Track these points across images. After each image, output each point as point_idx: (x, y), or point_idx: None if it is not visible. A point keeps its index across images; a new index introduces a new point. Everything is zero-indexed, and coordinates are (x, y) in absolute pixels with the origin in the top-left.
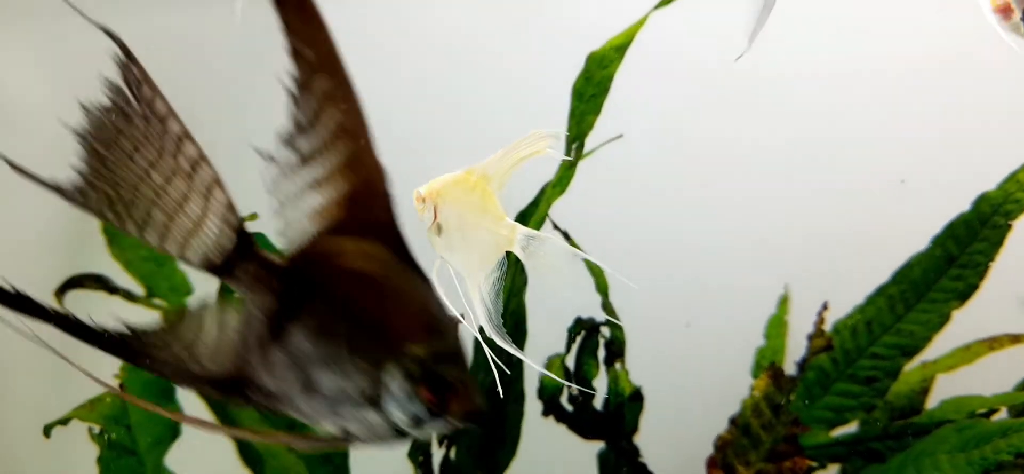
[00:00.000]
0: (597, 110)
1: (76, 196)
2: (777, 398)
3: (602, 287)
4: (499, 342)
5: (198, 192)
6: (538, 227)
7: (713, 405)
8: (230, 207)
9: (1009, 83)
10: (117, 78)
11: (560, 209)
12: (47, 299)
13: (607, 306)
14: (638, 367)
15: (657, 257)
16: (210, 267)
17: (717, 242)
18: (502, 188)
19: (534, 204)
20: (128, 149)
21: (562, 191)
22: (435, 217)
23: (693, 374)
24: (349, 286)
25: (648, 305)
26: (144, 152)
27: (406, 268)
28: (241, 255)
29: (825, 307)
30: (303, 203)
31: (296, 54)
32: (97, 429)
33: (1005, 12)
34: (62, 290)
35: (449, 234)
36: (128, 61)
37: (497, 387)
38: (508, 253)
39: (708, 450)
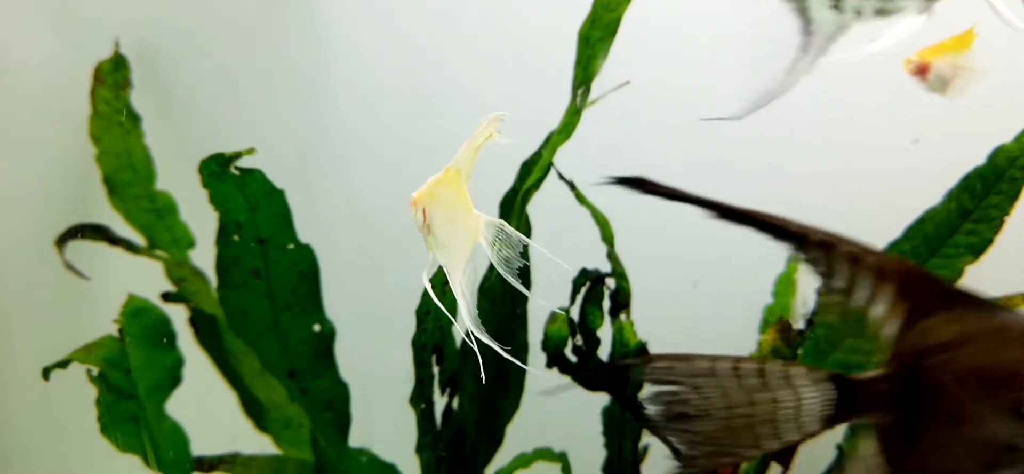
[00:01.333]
0: (604, 54)
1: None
2: (784, 352)
3: (607, 237)
4: (476, 333)
5: (778, 386)
6: (543, 174)
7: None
8: (810, 373)
9: None
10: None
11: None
12: (47, 249)
13: (612, 256)
14: (644, 327)
15: (663, 215)
16: (831, 423)
17: (726, 200)
18: (468, 180)
19: (539, 152)
20: (703, 414)
21: (567, 137)
22: (425, 219)
23: (700, 334)
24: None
25: (655, 266)
26: (715, 406)
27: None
28: (846, 398)
29: None
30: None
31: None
32: (95, 371)
33: (922, 72)
34: (62, 240)
35: (437, 233)
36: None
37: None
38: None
39: None
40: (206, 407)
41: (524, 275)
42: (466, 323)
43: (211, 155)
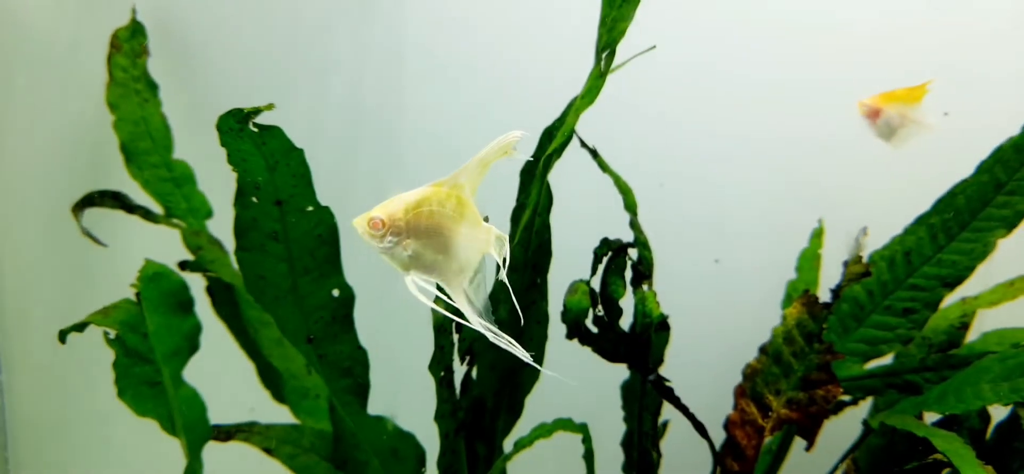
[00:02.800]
0: (629, 17)
1: None
2: (810, 326)
3: (630, 205)
4: (489, 337)
5: None
6: (565, 141)
7: (742, 339)
8: None
9: None
10: None
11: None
12: (65, 215)
13: (635, 225)
14: (665, 302)
15: (686, 191)
16: None
17: (748, 175)
18: (474, 194)
19: (561, 119)
20: None
21: (590, 102)
22: (400, 239)
23: (722, 309)
24: None
25: (677, 241)
26: None
27: None
28: None
29: (864, 232)
30: None
31: None
32: (112, 334)
33: (873, 115)
34: (79, 206)
35: (421, 252)
36: None
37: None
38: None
39: (735, 382)
40: (225, 378)
41: (543, 248)
42: (477, 326)
43: (229, 111)
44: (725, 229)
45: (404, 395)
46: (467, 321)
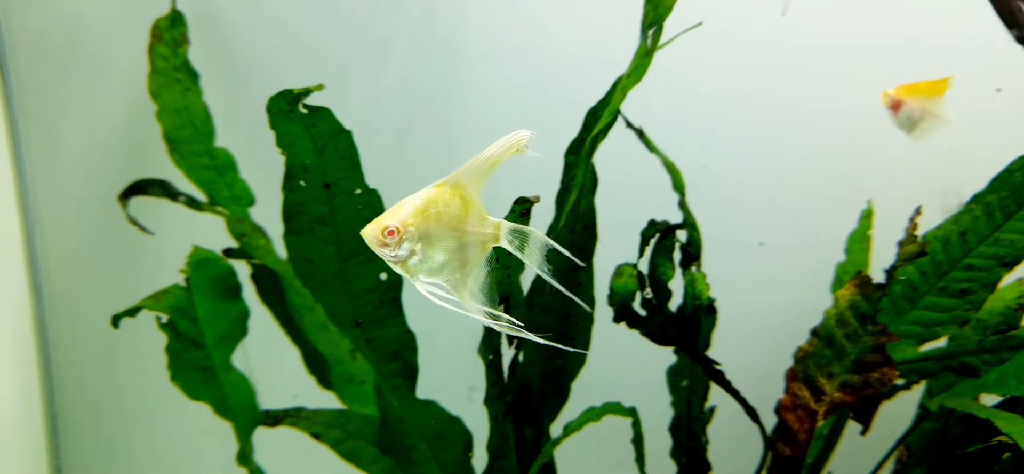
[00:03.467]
0: None
1: None
2: (864, 307)
3: (678, 186)
4: (499, 330)
5: None
6: (611, 120)
7: (788, 323)
8: None
9: None
10: None
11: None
12: (111, 204)
13: (684, 205)
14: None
15: (730, 172)
16: None
17: (794, 155)
18: (481, 192)
19: (606, 98)
20: None
21: (637, 81)
22: (411, 245)
23: (767, 292)
24: None
25: (720, 223)
26: None
27: None
28: None
29: (918, 211)
30: None
31: None
32: (164, 318)
33: (895, 107)
34: (126, 195)
35: (429, 255)
36: None
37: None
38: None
39: (785, 365)
40: (271, 363)
41: (589, 229)
42: (478, 317)
43: (279, 92)
44: (769, 211)
45: (452, 379)
46: (488, 320)
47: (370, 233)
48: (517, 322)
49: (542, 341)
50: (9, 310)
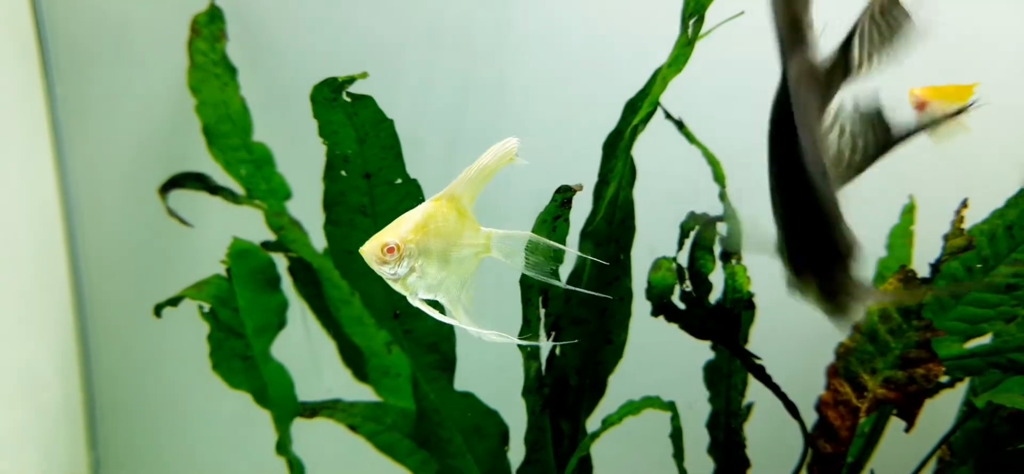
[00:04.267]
0: None
1: None
2: (907, 301)
3: (719, 177)
4: (484, 338)
5: None
6: (651, 110)
7: (825, 320)
8: None
9: None
10: None
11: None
12: (151, 196)
13: (724, 197)
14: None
15: (765, 166)
16: None
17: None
18: (473, 203)
19: (646, 89)
20: None
21: (678, 71)
22: (411, 262)
23: None
24: None
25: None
26: None
27: None
28: None
29: (964, 204)
30: None
31: None
32: (206, 308)
33: (920, 107)
34: (166, 188)
35: (428, 271)
36: None
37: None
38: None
39: (822, 363)
40: (302, 357)
41: (626, 222)
42: (469, 328)
43: (324, 80)
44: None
45: (491, 370)
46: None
47: (369, 251)
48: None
49: (530, 344)
50: (50, 302)
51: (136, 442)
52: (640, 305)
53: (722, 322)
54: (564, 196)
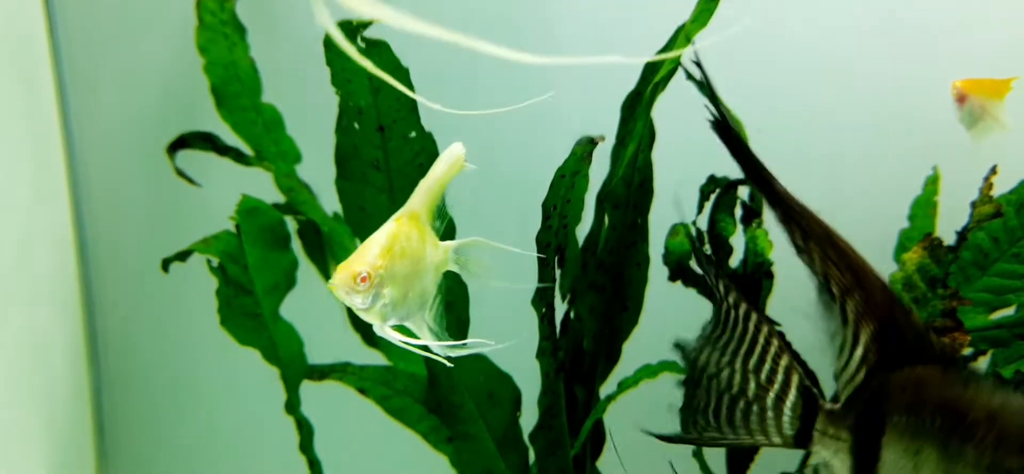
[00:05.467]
0: None
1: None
2: (933, 270)
3: (743, 138)
4: (448, 353)
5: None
6: (672, 70)
7: None
8: (803, 380)
9: None
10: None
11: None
12: (159, 158)
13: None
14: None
15: (786, 136)
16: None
17: (856, 118)
18: (431, 216)
19: (667, 46)
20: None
21: (702, 26)
22: (380, 289)
23: None
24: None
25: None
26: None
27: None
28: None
29: (993, 170)
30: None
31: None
32: (215, 262)
33: (961, 100)
34: (173, 148)
35: (396, 295)
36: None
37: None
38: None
39: None
40: (324, 317)
41: (644, 185)
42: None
43: (338, 22)
44: (825, 177)
45: (504, 333)
46: (431, 352)
47: (340, 282)
48: (490, 341)
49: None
50: (55, 262)
51: (142, 402)
52: (658, 271)
53: (742, 287)
54: (584, 149)
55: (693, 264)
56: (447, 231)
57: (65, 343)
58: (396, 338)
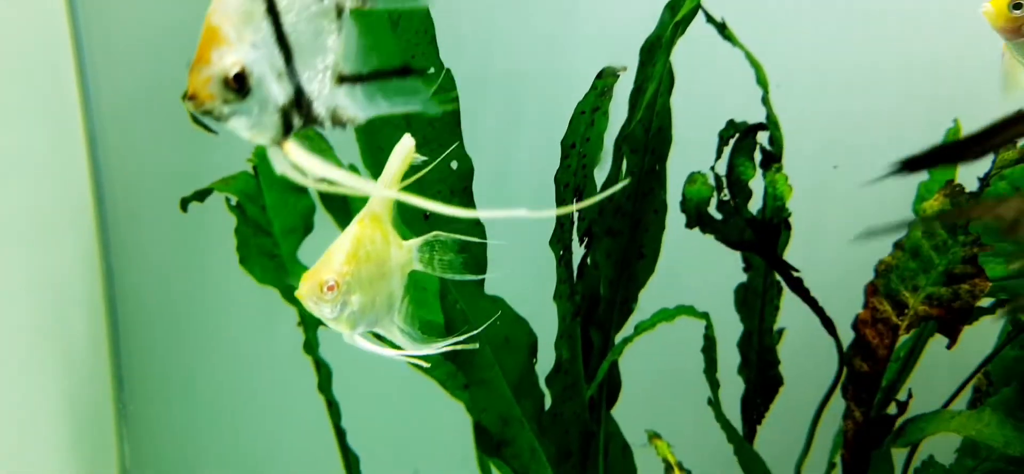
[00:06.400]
0: None
1: None
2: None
3: (762, 81)
4: (418, 353)
5: None
6: (693, 8)
7: (869, 244)
8: None
9: None
10: None
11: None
12: (175, 106)
13: (767, 101)
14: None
15: (805, 87)
16: None
17: (870, 73)
18: (391, 214)
19: None
20: None
21: None
22: (347, 296)
23: (841, 212)
24: None
25: (792, 145)
26: None
27: None
28: None
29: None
30: None
31: None
32: (233, 200)
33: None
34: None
35: (364, 302)
36: None
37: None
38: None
39: (850, 289)
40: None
41: (662, 132)
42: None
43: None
44: (844, 134)
45: (521, 275)
46: (408, 353)
47: (307, 292)
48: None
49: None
50: (72, 209)
51: (160, 349)
52: (676, 218)
53: (761, 232)
54: (604, 83)
55: (712, 211)
56: (465, 174)
57: (83, 287)
58: (367, 346)
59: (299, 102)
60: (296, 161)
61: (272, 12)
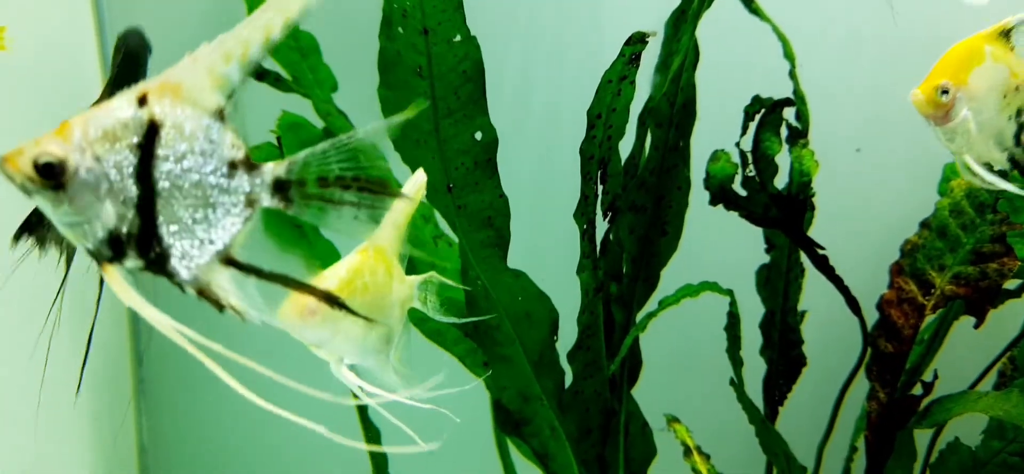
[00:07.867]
0: None
1: None
2: (982, 196)
3: (789, 55)
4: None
5: None
6: None
7: (881, 230)
8: None
9: None
10: None
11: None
12: None
13: (794, 76)
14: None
15: (827, 73)
16: None
17: (898, 48)
18: (399, 251)
19: None
20: None
21: None
22: (335, 323)
23: (864, 196)
24: None
25: (813, 128)
26: None
27: None
28: None
29: None
30: None
31: None
32: None
33: None
34: None
35: (355, 332)
36: None
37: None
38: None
39: (874, 272)
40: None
41: (687, 107)
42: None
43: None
44: (867, 118)
45: (544, 249)
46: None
47: (288, 312)
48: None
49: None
50: None
51: (177, 322)
52: (699, 196)
53: (786, 208)
54: (633, 50)
55: (736, 187)
56: (490, 145)
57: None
58: (354, 381)
59: (146, 244)
60: (115, 287)
61: (144, 149)
